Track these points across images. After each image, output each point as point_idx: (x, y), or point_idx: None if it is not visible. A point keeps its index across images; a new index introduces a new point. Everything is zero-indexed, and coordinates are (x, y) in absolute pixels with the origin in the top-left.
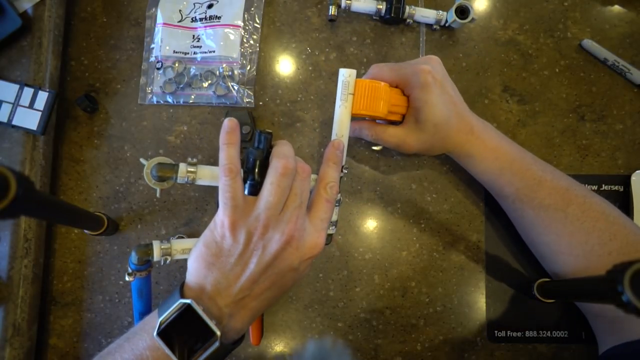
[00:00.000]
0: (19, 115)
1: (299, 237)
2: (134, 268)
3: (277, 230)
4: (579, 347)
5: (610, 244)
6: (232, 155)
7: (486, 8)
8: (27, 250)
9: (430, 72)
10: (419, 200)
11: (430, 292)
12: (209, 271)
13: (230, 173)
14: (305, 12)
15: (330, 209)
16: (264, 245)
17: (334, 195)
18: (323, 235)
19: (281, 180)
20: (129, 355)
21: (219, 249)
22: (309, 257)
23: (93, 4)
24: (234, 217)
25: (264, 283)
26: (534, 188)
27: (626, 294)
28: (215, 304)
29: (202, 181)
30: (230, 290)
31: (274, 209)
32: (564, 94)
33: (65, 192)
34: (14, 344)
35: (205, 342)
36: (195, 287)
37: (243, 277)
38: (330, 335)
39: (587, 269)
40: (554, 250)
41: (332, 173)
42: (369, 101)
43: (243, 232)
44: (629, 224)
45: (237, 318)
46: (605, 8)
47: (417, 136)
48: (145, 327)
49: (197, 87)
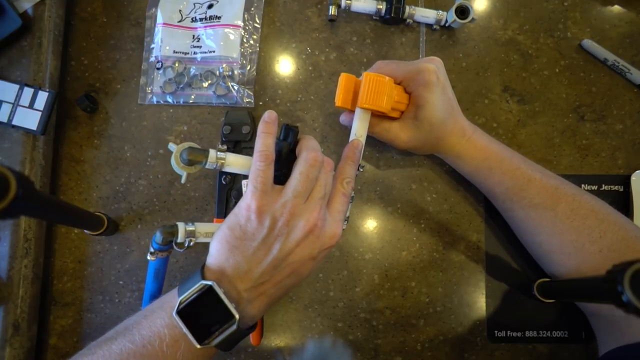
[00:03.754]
0: (19, 115)
1: (321, 227)
2: (157, 248)
3: (302, 218)
4: (578, 347)
5: (601, 241)
6: (269, 144)
7: (486, 8)
8: (27, 250)
9: (435, 72)
10: (419, 200)
11: (430, 292)
12: (231, 254)
13: (266, 159)
14: (305, 12)
15: (346, 203)
16: (288, 232)
17: (350, 190)
18: (341, 227)
19: (310, 171)
20: (146, 332)
21: (243, 232)
22: (328, 246)
23: (93, 4)
24: (262, 201)
25: (284, 270)
26: (523, 187)
27: (626, 294)
28: (235, 288)
29: (229, 168)
30: (251, 274)
31: (301, 197)
32: (564, 94)
33: (65, 192)
34: (14, 344)
35: (222, 325)
36: (216, 270)
37: (265, 262)
38: (330, 335)
39: (580, 266)
40: (546, 249)
41: (350, 170)
42: (375, 96)
43: (269, 217)
44: (620, 220)
45: (254, 304)
46: (605, 8)
47: (411, 133)
48: (164, 305)
49: (197, 87)
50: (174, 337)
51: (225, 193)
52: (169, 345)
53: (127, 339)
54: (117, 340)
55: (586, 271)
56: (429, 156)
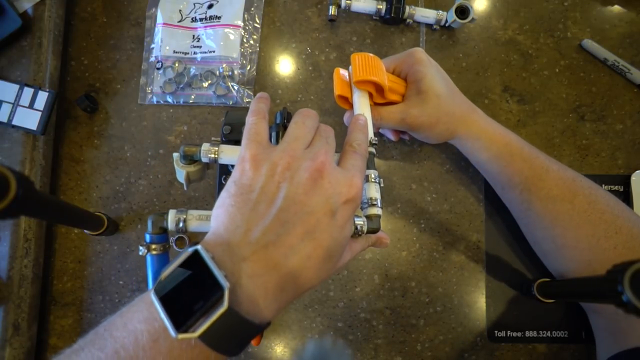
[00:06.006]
0: (19, 115)
1: (330, 170)
2: (149, 240)
3: (305, 159)
4: (579, 347)
5: (616, 237)
6: (261, 107)
7: (486, 8)
8: (27, 250)
9: (422, 51)
10: (419, 200)
11: (430, 292)
12: (227, 214)
13: (258, 114)
14: (305, 12)
15: (360, 160)
16: (291, 175)
17: (363, 151)
18: (358, 176)
19: (306, 119)
20: (120, 333)
21: (239, 187)
22: (346, 199)
23: (93, 4)
24: (257, 150)
25: (296, 229)
26: (542, 177)
27: (626, 294)
28: (232, 253)
29: (226, 158)
30: (250, 234)
31: (301, 141)
32: (564, 94)
33: (65, 192)
34: (14, 344)
35: (206, 301)
36: (210, 237)
37: (268, 215)
38: (330, 335)
39: (591, 263)
40: (560, 244)
41: (359, 134)
42: (367, 69)
43: (266, 164)
44: (633, 217)
45: (259, 280)
46: (605, 8)
47: (420, 108)
48: (143, 297)
49: (197, 87)
50: (152, 334)
51: None
52: (146, 346)
53: (96, 347)
54: (83, 351)
55: (597, 267)
56: (429, 156)
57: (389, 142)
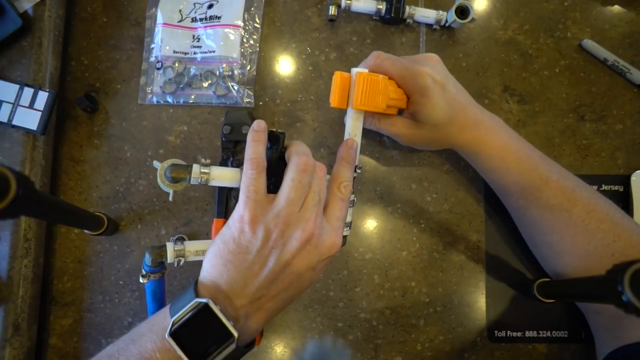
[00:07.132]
0: (19, 115)
1: (318, 235)
2: (148, 270)
3: (297, 228)
4: (579, 347)
5: (614, 245)
6: (259, 151)
7: (486, 8)
8: (27, 250)
9: (429, 75)
10: (419, 200)
11: (430, 292)
12: (225, 269)
13: (257, 167)
14: (305, 12)
15: (345, 208)
16: (283, 243)
17: (348, 194)
18: (340, 235)
19: (302, 177)
20: (135, 359)
21: (237, 245)
22: (327, 256)
23: (93, 4)
24: (255, 212)
25: (282, 283)
26: (540, 188)
27: (626, 294)
28: (232, 304)
29: (216, 182)
30: (247, 289)
31: (295, 205)
32: (564, 94)
33: (65, 192)
34: (14, 344)
35: (220, 344)
36: (211, 285)
37: (261, 275)
38: (330, 335)
39: (589, 269)
40: (557, 250)
41: (346, 172)
42: (369, 96)
43: (262, 228)
44: (632, 225)
45: (252, 319)
46: (605, 8)
47: (415, 132)
48: (153, 327)
49: (197, 87)
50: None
51: (225, 193)
52: None
53: None
54: None
55: (595, 274)
56: (429, 156)
57: (389, 142)
